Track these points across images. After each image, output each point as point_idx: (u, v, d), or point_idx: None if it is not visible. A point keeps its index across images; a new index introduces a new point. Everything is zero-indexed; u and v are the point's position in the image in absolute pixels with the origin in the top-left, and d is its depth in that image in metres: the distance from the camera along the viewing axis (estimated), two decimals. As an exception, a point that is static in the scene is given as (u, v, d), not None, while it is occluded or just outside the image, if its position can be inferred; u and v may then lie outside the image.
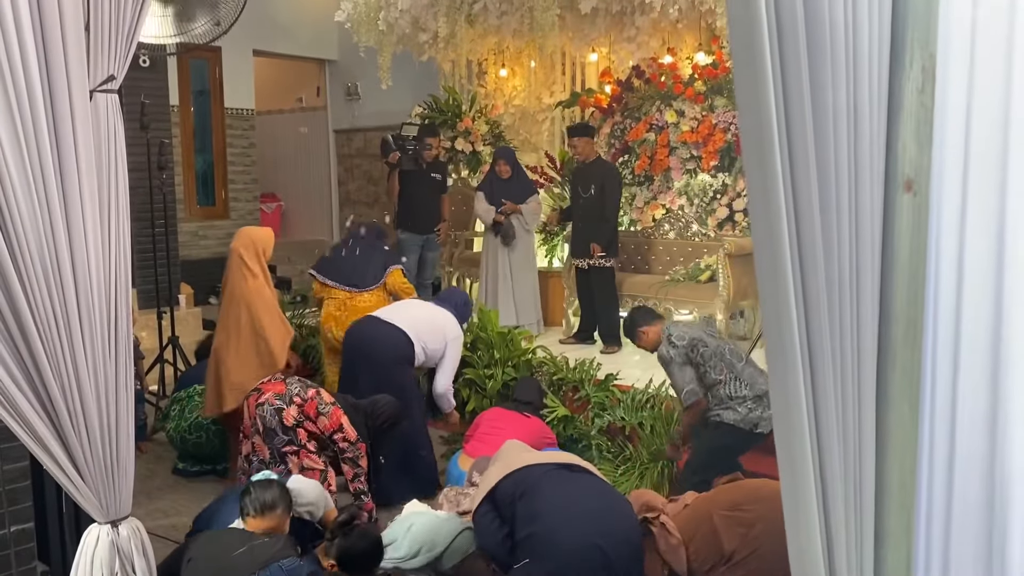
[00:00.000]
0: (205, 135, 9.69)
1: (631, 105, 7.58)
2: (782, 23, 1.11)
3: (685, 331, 4.16)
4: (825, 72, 1.17)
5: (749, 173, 1.16)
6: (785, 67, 1.12)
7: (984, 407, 1.44)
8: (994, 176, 1.41)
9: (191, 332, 7.63)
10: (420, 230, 7.29)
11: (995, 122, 1.41)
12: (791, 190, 1.16)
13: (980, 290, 1.43)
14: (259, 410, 4.10)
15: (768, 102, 1.09)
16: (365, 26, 8.08)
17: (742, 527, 2.94)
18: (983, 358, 1.45)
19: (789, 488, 1.26)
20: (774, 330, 1.20)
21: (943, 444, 1.43)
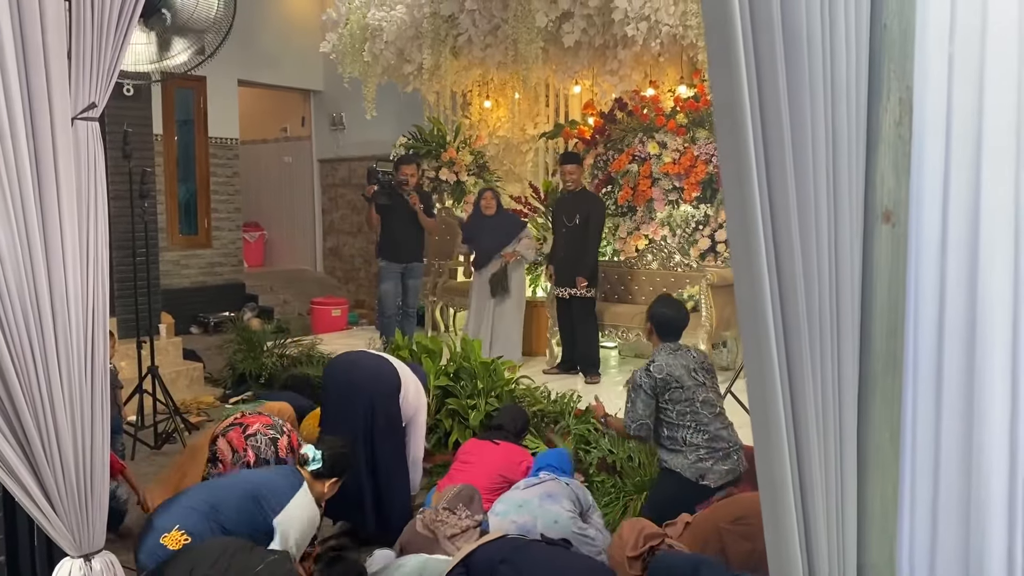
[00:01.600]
0: (188, 164, 9.67)
1: (614, 137, 7.65)
2: (760, 58, 1.12)
3: (667, 365, 4.01)
4: (804, 105, 1.18)
5: (729, 204, 1.17)
6: (764, 101, 1.14)
7: (963, 434, 1.45)
8: (972, 206, 1.42)
9: (171, 362, 7.56)
10: (398, 259, 7.31)
11: (972, 153, 1.42)
12: (770, 221, 1.16)
13: (959, 319, 1.44)
14: (251, 440, 4.03)
15: (747, 136, 1.10)
16: (350, 57, 8.13)
17: (747, 540, 2.92)
18: (962, 386, 1.45)
19: (771, 519, 1.25)
20: (754, 359, 1.20)
21: (925, 471, 1.42)
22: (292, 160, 11.42)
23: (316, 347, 7.41)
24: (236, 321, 8.74)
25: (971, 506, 1.45)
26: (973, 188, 1.42)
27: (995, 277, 1.45)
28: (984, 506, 1.46)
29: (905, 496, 1.40)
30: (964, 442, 1.44)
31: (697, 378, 4.00)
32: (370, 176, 7.25)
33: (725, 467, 3.84)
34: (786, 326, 1.20)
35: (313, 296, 9.64)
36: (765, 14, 1.10)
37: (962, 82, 1.40)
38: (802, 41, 1.16)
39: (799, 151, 1.18)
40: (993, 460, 1.49)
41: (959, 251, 1.42)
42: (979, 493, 1.46)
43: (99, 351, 2.45)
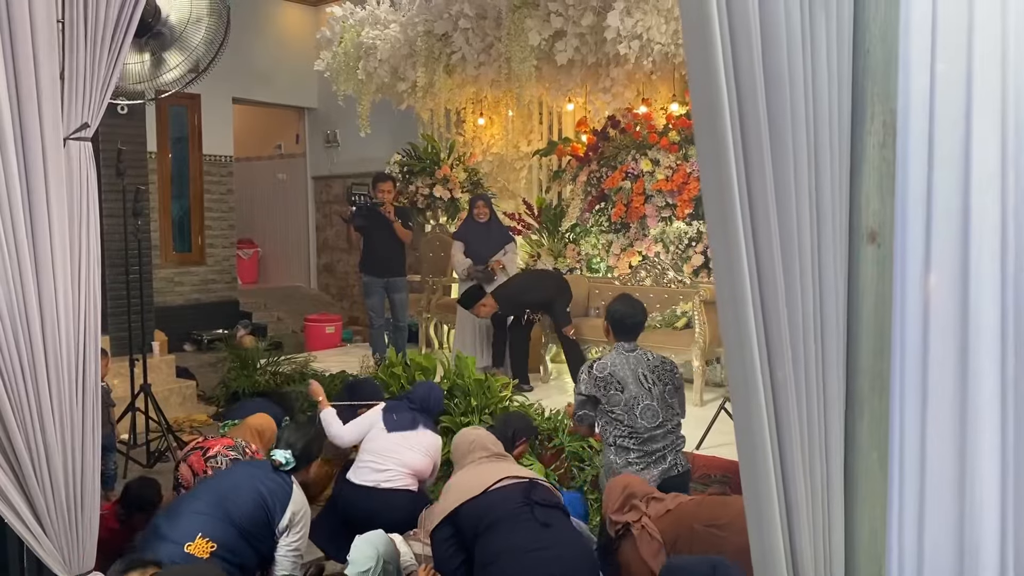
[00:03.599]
0: (182, 181, 9.68)
1: (607, 154, 7.68)
2: (741, 85, 1.13)
3: (612, 364, 3.95)
4: (785, 130, 1.20)
5: (711, 226, 1.18)
6: (745, 127, 1.15)
7: (952, 456, 1.45)
8: (958, 226, 1.44)
9: (164, 380, 7.53)
10: (380, 273, 7.41)
11: (956, 173, 1.44)
12: (752, 243, 1.17)
13: (947, 338, 1.45)
14: (211, 462, 4.02)
15: (728, 160, 1.12)
16: (344, 75, 8.17)
17: (714, 549, 2.91)
18: (952, 406, 1.45)
19: (756, 537, 1.25)
20: (738, 379, 1.21)
21: (913, 492, 1.43)
22: (286, 177, 11.44)
23: (310, 364, 7.39)
24: (229, 338, 8.72)
25: (964, 530, 1.45)
26: (959, 209, 1.44)
27: (983, 297, 1.46)
28: (976, 529, 1.47)
29: (893, 519, 1.40)
30: (955, 464, 1.45)
31: (644, 383, 3.90)
32: (348, 197, 7.44)
33: (657, 470, 3.78)
34: (769, 347, 1.21)
35: (307, 313, 9.63)
36: (745, 42, 1.12)
37: (945, 105, 1.41)
38: (783, 67, 1.18)
39: (780, 174, 1.19)
40: (984, 482, 1.49)
41: (945, 270, 1.43)
42: (971, 515, 1.46)
43: (90, 371, 2.44)
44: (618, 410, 3.87)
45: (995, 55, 1.45)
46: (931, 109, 1.41)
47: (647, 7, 6.44)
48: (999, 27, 1.46)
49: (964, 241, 1.44)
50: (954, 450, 1.46)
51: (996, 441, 1.49)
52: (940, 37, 1.39)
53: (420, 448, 4.44)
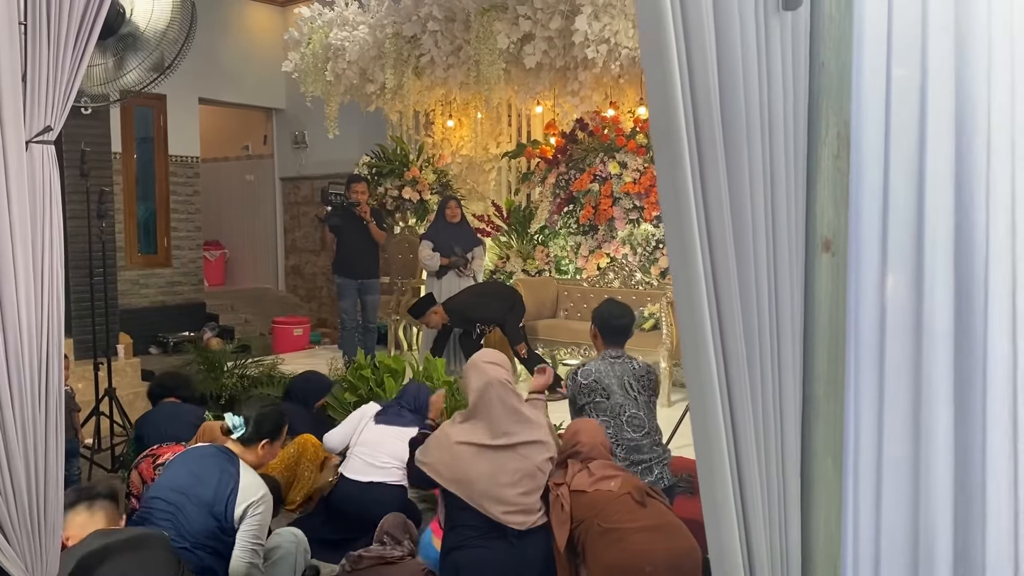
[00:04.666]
0: (148, 182, 9.57)
1: (575, 156, 7.73)
2: (696, 98, 1.16)
3: (597, 371, 3.90)
4: (740, 141, 1.23)
5: (668, 234, 1.21)
6: (700, 138, 1.18)
7: (908, 458, 1.49)
8: (913, 234, 1.48)
9: (129, 383, 7.43)
10: (354, 275, 7.46)
11: (910, 181, 1.48)
12: (708, 251, 1.20)
13: (901, 343, 1.49)
14: (160, 470, 3.96)
15: (684, 168, 1.15)
16: (312, 76, 8.13)
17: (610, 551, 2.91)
18: (907, 410, 1.50)
19: (713, 537, 1.29)
20: (695, 384, 1.24)
21: (869, 494, 1.47)
22: (254, 178, 11.35)
23: (277, 367, 7.34)
24: (196, 341, 8.64)
25: (919, 530, 1.50)
26: (914, 217, 1.48)
27: (936, 304, 1.50)
28: (931, 530, 1.51)
29: (848, 521, 1.44)
30: (910, 466, 1.49)
31: (630, 391, 3.87)
32: (323, 197, 7.45)
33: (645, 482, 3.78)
34: (725, 352, 1.24)
35: (275, 315, 9.56)
36: (700, 56, 1.15)
37: (900, 117, 1.46)
38: (738, 80, 1.21)
39: (735, 184, 1.23)
40: (939, 484, 1.54)
41: (900, 277, 1.48)
42: (926, 516, 1.51)
43: (53, 375, 2.41)
44: (603, 417, 3.81)
45: (948, 68, 1.49)
46: (886, 120, 1.45)
47: (614, 11, 6.50)
48: (952, 42, 1.50)
49: (918, 248, 1.49)
50: (910, 453, 1.51)
51: (950, 444, 1.54)
52: (895, 50, 1.44)
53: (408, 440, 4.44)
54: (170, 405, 5.39)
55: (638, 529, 2.89)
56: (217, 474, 3.34)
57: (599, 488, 2.97)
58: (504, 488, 3.09)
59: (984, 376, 1.68)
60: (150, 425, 5.27)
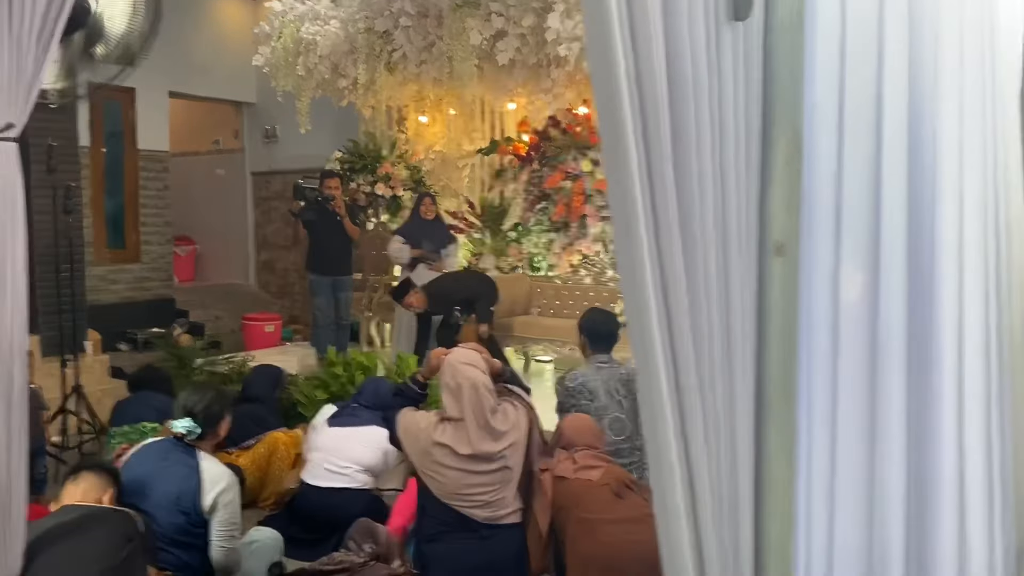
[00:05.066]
0: (117, 177, 9.45)
1: (548, 154, 7.75)
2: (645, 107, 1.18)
3: (583, 375, 3.99)
4: (689, 146, 1.25)
5: (617, 236, 1.24)
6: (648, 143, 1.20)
7: (862, 459, 1.53)
8: (867, 240, 1.52)
9: (97, 380, 7.36)
10: (328, 272, 7.45)
11: (864, 187, 1.52)
12: (656, 254, 1.23)
13: (855, 346, 1.52)
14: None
15: (632, 175, 1.17)
16: (283, 71, 8.07)
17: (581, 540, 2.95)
18: (860, 413, 1.54)
19: (664, 539, 1.32)
20: (645, 388, 1.26)
21: (822, 495, 1.50)
22: (225, 173, 11.26)
23: (248, 364, 7.30)
24: (166, 337, 8.56)
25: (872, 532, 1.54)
26: (867, 222, 1.52)
27: (891, 307, 1.54)
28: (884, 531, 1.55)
29: (801, 523, 1.48)
30: (863, 468, 1.53)
31: (615, 396, 3.94)
32: (296, 192, 7.41)
33: None
34: (675, 356, 1.27)
35: (246, 311, 9.50)
36: (648, 66, 1.17)
37: (853, 124, 1.49)
38: (688, 89, 1.24)
39: (684, 191, 1.25)
40: (892, 484, 1.58)
41: (852, 280, 1.52)
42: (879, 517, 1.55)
43: (17, 373, 2.40)
44: None
45: (902, 78, 1.53)
46: (840, 125, 1.48)
47: (587, 9, 6.52)
48: (905, 49, 1.54)
49: (872, 252, 1.52)
50: (863, 454, 1.54)
51: (903, 445, 1.58)
52: (848, 56, 1.47)
53: (366, 442, 4.41)
54: (144, 393, 5.41)
55: (612, 521, 2.93)
56: (178, 469, 3.33)
57: (580, 477, 3.03)
58: (474, 488, 3.11)
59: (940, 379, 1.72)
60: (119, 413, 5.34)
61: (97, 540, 2.62)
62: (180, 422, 3.40)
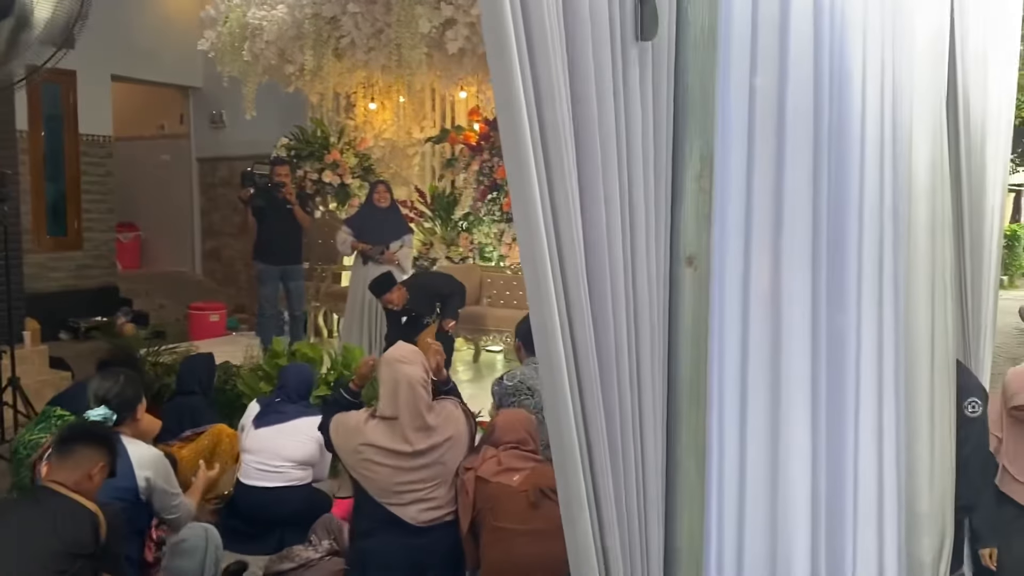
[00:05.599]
0: (57, 162, 9.21)
1: (499, 144, 7.74)
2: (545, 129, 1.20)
3: (522, 374, 3.99)
4: (595, 168, 1.28)
5: (521, 247, 1.25)
6: (550, 166, 1.22)
7: (767, 461, 1.58)
8: (770, 249, 1.56)
9: (37, 371, 7.20)
10: (276, 262, 7.35)
11: (771, 201, 1.56)
12: (559, 261, 1.25)
13: (763, 353, 1.57)
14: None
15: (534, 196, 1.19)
16: (229, 56, 7.92)
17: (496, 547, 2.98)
18: (767, 416, 1.58)
19: (571, 540, 1.35)
20: (550, 395, 1.29)
21: (732, 497, 1.55)
22: (170, 158, 11.04)
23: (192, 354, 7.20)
24: (108, 327, 8.40)
25: (777, 526, 1.59)
26: (771, 235, 1.56)
27: (795, 316, 1.59)
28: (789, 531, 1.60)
29: (712, 524, 1.52)
30: (769, 470, 1.58)
31: None
32: (244, 179, 7.29)
33: None
34: (578, 365, 1.29)
35: (191, 300, 9.35)
36: (547, 83, 1.19)
37: (763, 140, 1.53)
38: (591, 109, 1.26)
39: (589, 208, 1.27)
40: (797, 486, 1.63)
41: (761, 289, 1.56)
42: (783, 517, 1.60)
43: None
44: None
45: (807, 95, 1.57)
46: (749, 144, 1.52)
47: (535, 0, 6.51)
48: (811, 69, 1.58)
49: (778, 264, 1.57)
50: (769, 457, 1.59)
51: (807, 447, 1.63)
52: (758, 75, 1.50)
53: (296, 436, 4.34)
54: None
55: (523, 532, 2.94)
56: None
57: (500, 481, 3.01)
58: (406, 485, 3.12)
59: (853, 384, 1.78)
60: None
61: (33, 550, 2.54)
62: (95, 411, 3.32)
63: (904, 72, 1.81)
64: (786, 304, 1.58)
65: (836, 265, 1.65)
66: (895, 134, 1.78)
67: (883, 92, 1.75)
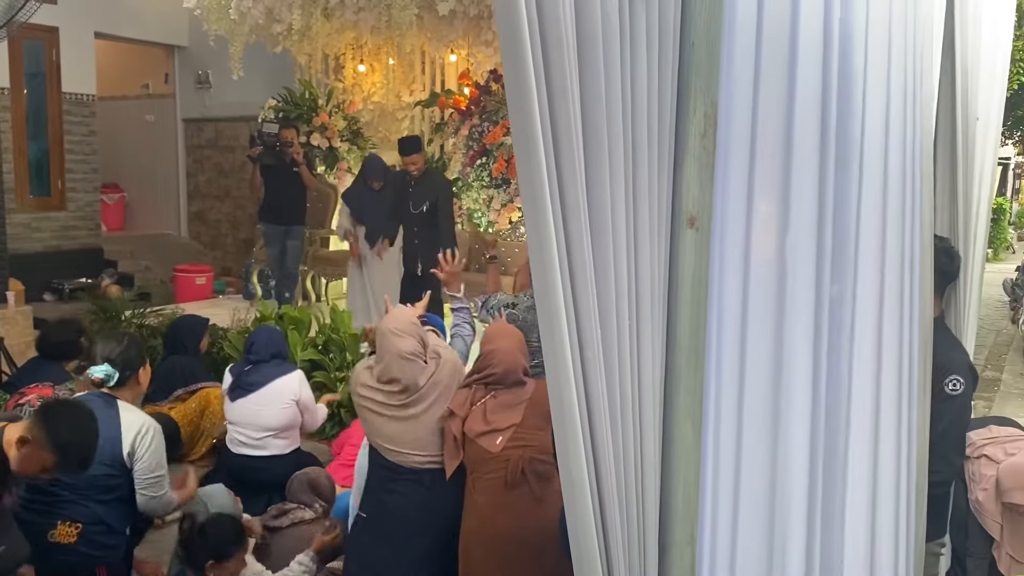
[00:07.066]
0: (40, 121, 9.05)
1: (489, 108, 7.68)
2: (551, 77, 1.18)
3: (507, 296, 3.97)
4: (600, 121, 1.25)
5: (525, 206, 1.24)
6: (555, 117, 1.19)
7: (767, 421, 1.58)
8: (777, 215, 1.55)
9: (20, 332, 7.13)
10: (280, 221, 7.44)
11: (777, 162, 1.54)
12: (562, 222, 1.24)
13: (763, 316, 1.56)
14: (16, 410, 3.83)
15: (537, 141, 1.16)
16: (216, 14, 7.78)
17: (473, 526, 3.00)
18: (767, 379, 1.58)
19: (569, 501, 1.35)
20: (549, 348, 1.28)
21: (728, 457, 1.55)
22: (154, 119, 10.88)
23: (178, 316, 7.16)
24: (93, 288, 8.33)
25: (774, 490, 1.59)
26: (778, 196, 1.55)
27: (798, 279, 1.58)
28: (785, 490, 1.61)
29: (707, 480, 1.52)
30: (768, 433, 1.58)
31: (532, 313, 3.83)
32: (254, 139, 7.34)
33: None
34: (579, 324, 1.28)
35: (177, 262, 9.28)
36: (555, 36, 1.16)
37: (767, 100, 1.51)
38: (598, 61, 1.23)
39: (592, 160, 1.25)
40: (795, 449, 1.63)
41: (762, 254, 1.55)
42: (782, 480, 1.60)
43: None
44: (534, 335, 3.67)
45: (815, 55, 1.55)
46: (753, 104, 1.49)
47: (528, -38, 6.42)
48: (820, 28, 1.56)
49: (783, 226, 1.56)
50: (768, 421, 1.59)
51: (806, 412, 1.64)
52: (765, 30, 1.48)
53: (272, 402, 4.27)
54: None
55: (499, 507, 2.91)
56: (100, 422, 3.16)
57: (483, 444, 2.98)
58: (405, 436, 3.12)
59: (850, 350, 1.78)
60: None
61: None
62: (98, 368, 3.32)
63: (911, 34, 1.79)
64: (789, 267, 1.57)
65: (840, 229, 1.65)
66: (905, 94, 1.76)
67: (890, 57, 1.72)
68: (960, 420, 2.97)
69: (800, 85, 1.53)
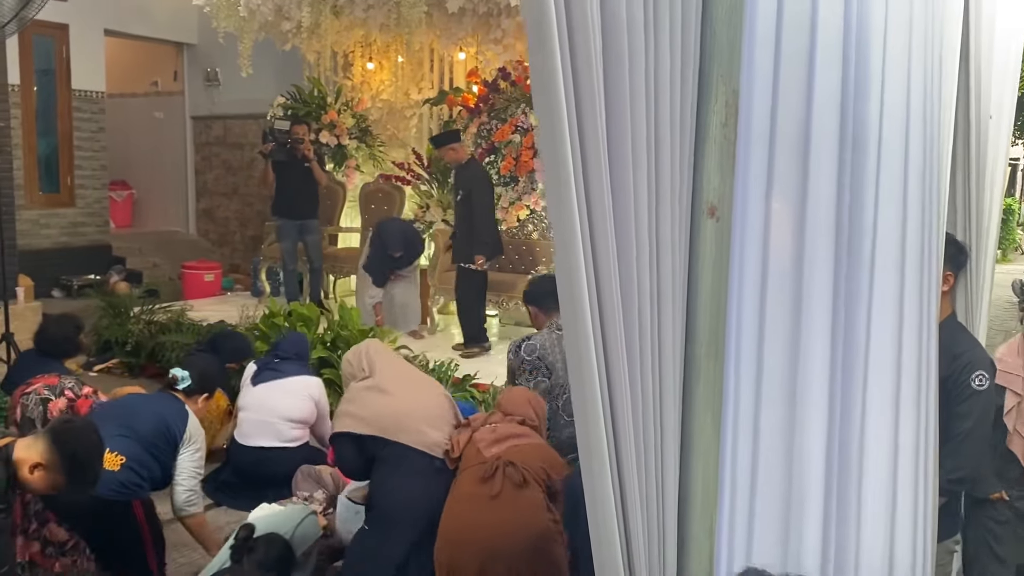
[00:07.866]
0: (49, 117, 9.08)
1: (497, 106, 7.65)
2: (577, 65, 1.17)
3: (541, 347, 3.79)
4: (624, 106, 1.25)
5: (549, 197, 1.23)
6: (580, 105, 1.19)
7: (784, 413, 1.57)
8: (796, 204, 1.54)
9: (29, 328, 7.12)
10: (293, 216, 7.51)
11: (796, 152, 1.53)
12: (586, 212, 1.23)
13: (782, 308, 1.55)
14: (24, 399, 3.86)
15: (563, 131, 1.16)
16: (225, 11, 7.80)
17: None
18: (784, 372, 1.57)
19: (590, 494, 1.34)
20: (572, 347, 1.27)
21: (746, 449, 1.54)
22: (163, 116, 10.90)
23: (186, 313, 7.18)
24: (102, 285, 8.36)
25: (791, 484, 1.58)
26: (798, 187, 1.54)
27: (816, 271, 1.57)
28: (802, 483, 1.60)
29: (726, 473, 1.51)
30: (785, 425, 1.57)
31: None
32: (266, 135, 7.45)
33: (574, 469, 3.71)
34: (602, 314, 1.28)
35: (185, 260, 9.29)
36: (582, 23, 1.16)
37: (787, 90, 1.50)
38: (623, 48, 1.22)
39: (616, 148, 1.25)
40: (812, 442, 1.62)
41: (782, 241, 1.54)
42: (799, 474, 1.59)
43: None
44: (556, 391, 3.71)
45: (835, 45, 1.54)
46: (774, 93, 1.48)
47: (538, -41, 6.41)
48: (841, 18, 1.55)
49: (803, 217, 1.55)
50: (785, 411, 1.58)
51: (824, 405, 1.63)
52: (784, 25, 1.47)
53: (294, 393, 4.38)
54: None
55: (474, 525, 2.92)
56: (171, 403, 3.60)
57: (479, 447, 3.06)
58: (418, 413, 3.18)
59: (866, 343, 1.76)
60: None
61: None
62: (179, 370, 3.70)
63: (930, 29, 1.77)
64: (808, 259, 1.56)
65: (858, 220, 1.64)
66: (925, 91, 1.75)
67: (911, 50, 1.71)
68: (986, 416, 2.93)
69: (819, 76, 1.52)
